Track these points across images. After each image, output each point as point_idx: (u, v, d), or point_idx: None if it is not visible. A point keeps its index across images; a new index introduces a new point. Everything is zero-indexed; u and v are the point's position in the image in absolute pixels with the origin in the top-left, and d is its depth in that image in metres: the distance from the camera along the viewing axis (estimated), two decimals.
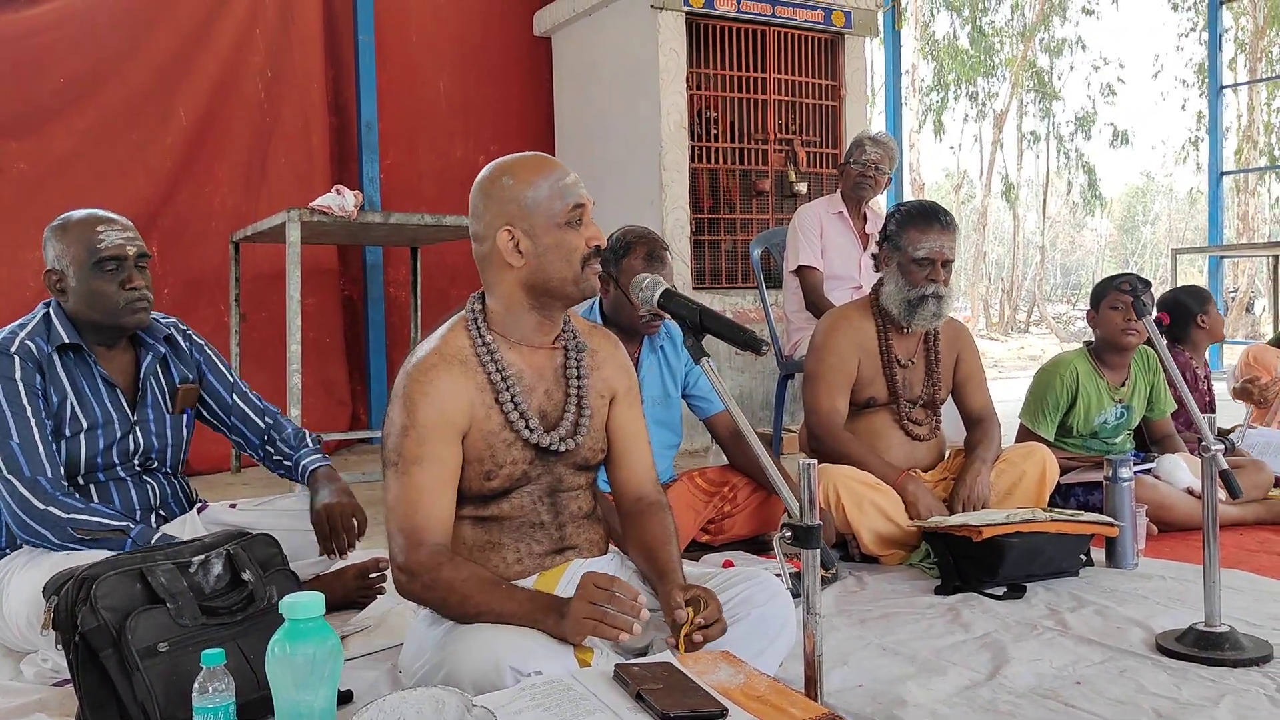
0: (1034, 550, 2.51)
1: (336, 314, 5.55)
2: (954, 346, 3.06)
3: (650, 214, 5.05)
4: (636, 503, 1.91)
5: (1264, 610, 2.29)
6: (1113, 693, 1.84)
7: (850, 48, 5.65)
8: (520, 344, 1.79)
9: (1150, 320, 2.27)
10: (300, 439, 2.53)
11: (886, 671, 1.97)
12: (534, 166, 1.77)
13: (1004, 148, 21.79)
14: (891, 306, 2.91)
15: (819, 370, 2.94)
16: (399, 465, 1.70)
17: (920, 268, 2.85)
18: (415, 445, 1.69)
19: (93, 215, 2.30)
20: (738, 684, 1.48)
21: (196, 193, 5.05)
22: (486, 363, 1.75)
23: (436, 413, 1.70)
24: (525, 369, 1.79)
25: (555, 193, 1.74)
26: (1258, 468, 3.30)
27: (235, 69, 5.17)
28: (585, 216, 1.76)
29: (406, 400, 1.71)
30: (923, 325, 2.91)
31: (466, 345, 1.77)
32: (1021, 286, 24.78)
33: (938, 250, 2.84)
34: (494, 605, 1.62)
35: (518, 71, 6.09)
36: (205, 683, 1.51)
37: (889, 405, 2.96)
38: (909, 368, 2.98)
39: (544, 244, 1.74)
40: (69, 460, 2.22)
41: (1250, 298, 18.57)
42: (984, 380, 3.12)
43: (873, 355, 2.95)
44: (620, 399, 1.91)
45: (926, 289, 2.85)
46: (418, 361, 1.74)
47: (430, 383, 1.71)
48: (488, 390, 1.74)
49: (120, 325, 2.27)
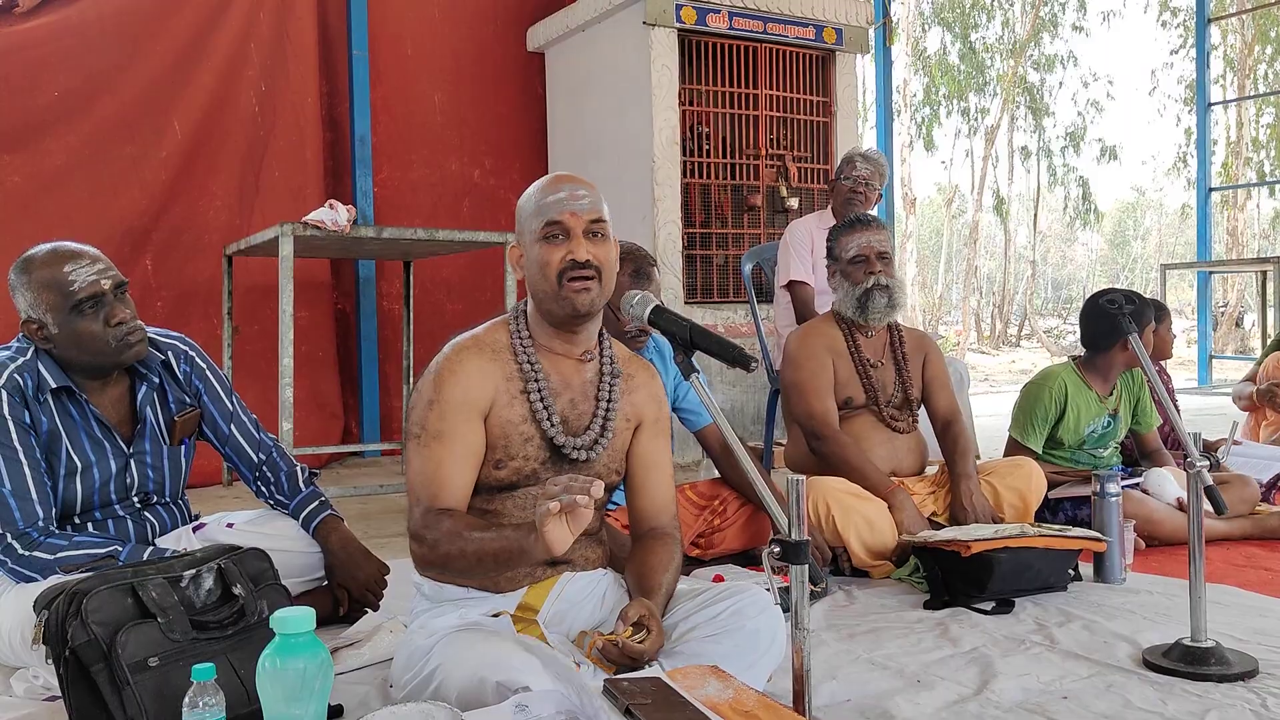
0: (1022, 565, 2.53)
1: (329, 327, 5.56)
2: (920, 349, 3.19)
3: (642, 229, 5.07)
4: (650, 531, 1.95)
5: (1250, 625, 2.31)
6: (1099, 708, 1.85)
7: (841, 64, 5.68)
8: (548, 350, 1.86)
9: (1137, 339, 2.29)
10: (294, 484, 2.49)
11: (875, 686, 1.98)
12: (539, 184, 1.85)
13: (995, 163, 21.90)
14: (846, 310, 3.08)
15: (800, 378, 3.05)
16: (421, 438, 1.78)
17: (856, 265, 3.04)
18: (438, 419, 1.76)
19: (55, 253, 2.17)
20: (726, 699, 1.49)
21: (190, 206, 5.06)
22: (520, 355, 1.83)
23: (461, 391, 1.77)
24: (553, 373, 1.85)
25: (537, 209, 1.80)
26: (1244, 483, 3.33)
27: (230, 83, 5.19)
28: (572, 233, 1.78)
29: (436, 377, 1.79)
30: (879, 319, 3.05)
31: (504, 338, 1.86)
32: (1013, 300, 24.85)
33: (867, 245, 3.05)
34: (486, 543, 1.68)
35: (511, 86, 6.12)
36: (195, 697, 1.52)
37: (868, 406, 3.05)
38: (879, 368, 3.10)
39: (530, 258, 1.83)
40: (64, 501, 2.20)
41: (1240, 312, 18.67)
42: (949, 382, 3.23)
43: (844, 357, 3.07)
44: (647, 428, 1.95)
45: (868, 281, 3.01)
46: (455, 344, 1.84)
47: (461, 363, 1.80)
48: (516, 380, 1.81)
49: (118, 363, 2.23)
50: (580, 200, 1.79)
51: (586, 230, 1.79)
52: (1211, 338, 9.88)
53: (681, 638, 1.78)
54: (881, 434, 3.04)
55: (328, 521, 2.45)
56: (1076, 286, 33.00)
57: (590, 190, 1.82)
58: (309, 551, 2.43)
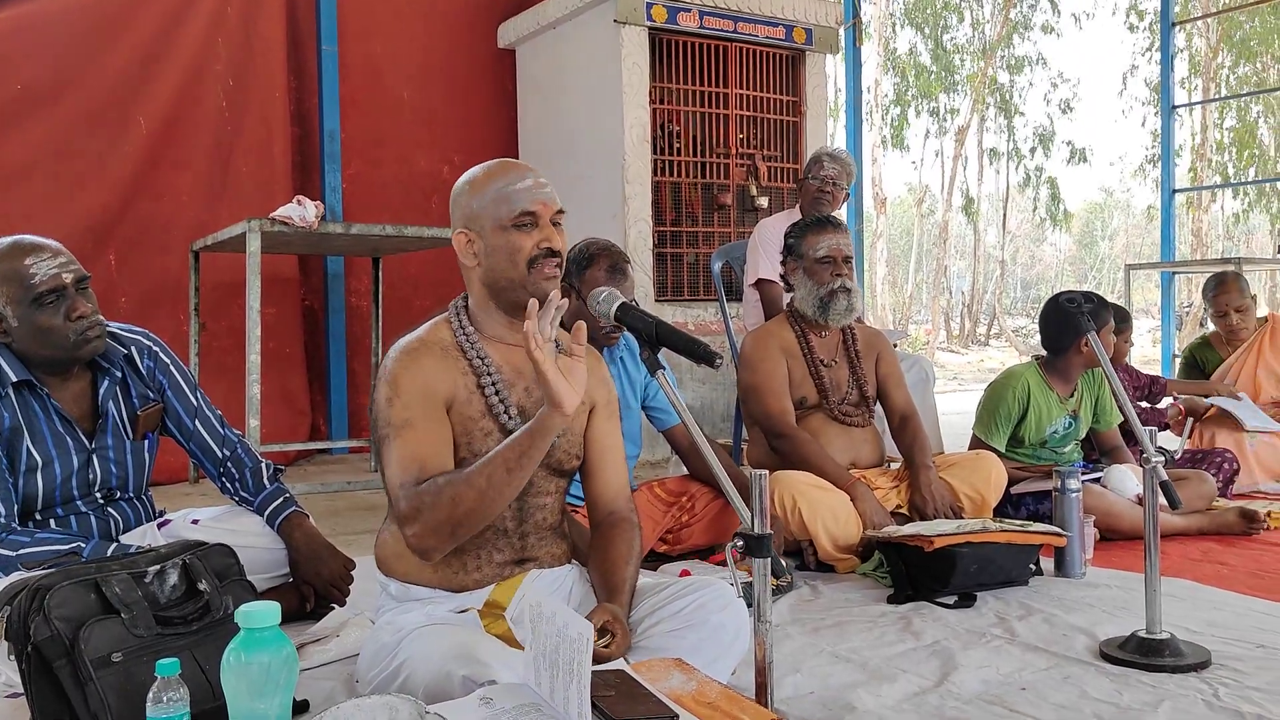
0: (984, 560, 2.56)
1: (297, 324, 5.53)
2: (873, 347, 3.25)
3: (613, 226, 5.08)
4: (608, 516, 1.94)
5: (1204, 618, 2.36)
6: (1056, 698, 1.88)
7: (811, 64, 5.72)
8: (496, 340, 1.85)
9: (1095, 336, 2.33)
10: (258, 480, 2.48)
11: (837, 679, 2.00)
12: (491, 171, 1.83)
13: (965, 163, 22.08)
14: (806, 309, 3.11)
15: (756, 380, 3.10)
16: (390, 434, 1.74)
17: (824, 265, 3.07)
18: (403, 410, 1.74)
19: (16, 246, 2.16)
20: (689, 691, 1.51)
21: (156, 202, 5.02)
22: (469, 351, 1.81)
23: (421, 384, 1.75)
24: (504, 365, 1.84)
25: (503, 197, 1.79)
26: (1201, 479, 3.38)
27: (196, 78, 5.16)
28: (541, 221, 1.79)
29: (391, 377, 1.77)
30: (839, 320, 3.09)
31: (449, 336, 1.84)
32: (982, 300, 25.09)
33: (835, 247, 3.07)
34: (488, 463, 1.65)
35: (482, 83, 6.12)
36: (160, 692, 1.51)
37: (821, 405, 3.10)
38: (833, 367, 3.15)
39: (492, 245, 1.80)
40: (25, 497, 2.18)
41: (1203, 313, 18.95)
42: (903, 379, 3.29)
43: (798, 358, 3.12)
44: (599, 410, 1.95)
45: (834, 284, 3.05)
46: (402, 346, 1.81)
47: (413, 360, 1.78)
48: (470, 375, 1.80)
49: (76, 357, 2.21)
50: (546, 189, 1.81)
51: (553, 219, 1.80)
52: (1176, 337, 10.02)
53: (646, 632, 1.79)
54: (836, 429, 3.10)
55: (292, 518, 2.45)
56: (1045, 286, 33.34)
57: (547, 180, 1.84)
58: (274, 548, 2.43)
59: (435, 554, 1.73)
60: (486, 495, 1.65)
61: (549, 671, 1.43)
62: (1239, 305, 4.20)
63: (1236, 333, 4.24)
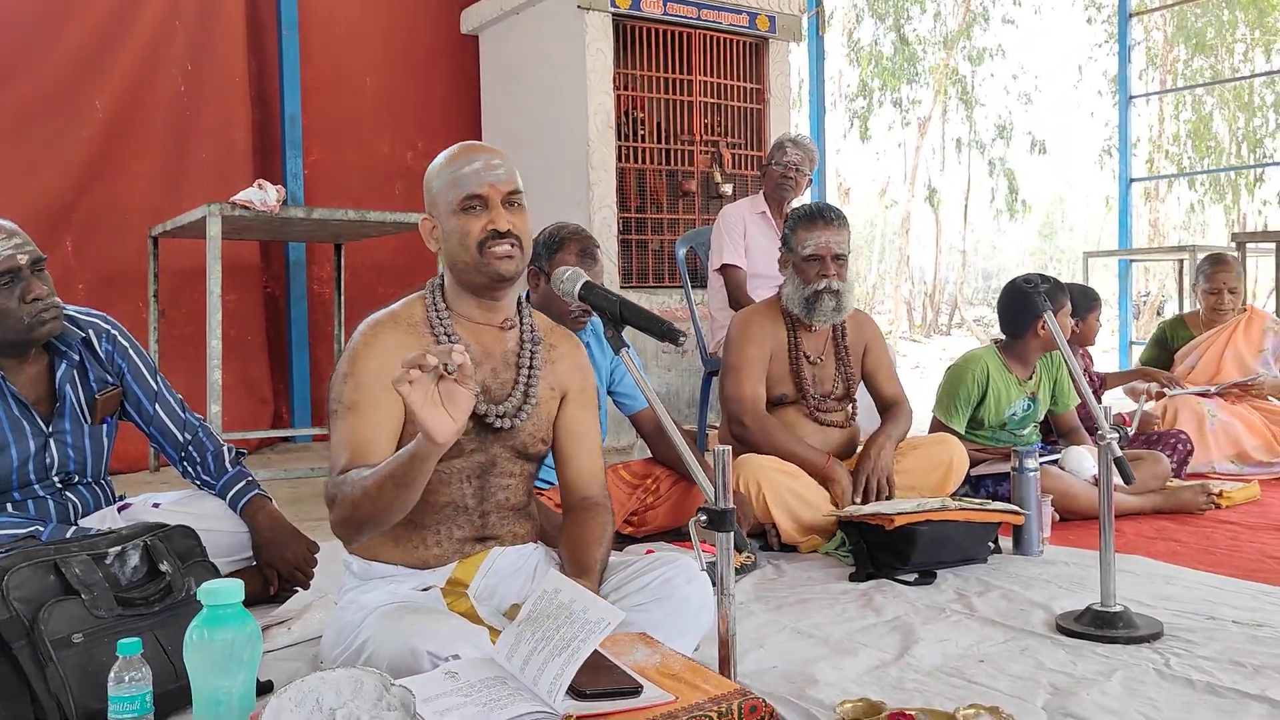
0: (944, 538, 2.60)
1: (258, 311, 5.48)
2: (861, 337, 3.18)
3: (577, 213, 5.07)
4: (581, 501, 1.95)
5: (1156, 592, 2.41)
6: (1013, 670, 1.92)
7: (774, 52, 5.74)
8: (467, 320, 1.86)
9: (1051, 316, 2.36)
10: (220, 464, 2.46)
11: (800, 653, 2.03)
12: (450, 155, 1.85)
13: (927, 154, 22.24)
14: (792, 307, 3.03)
15: (738, 360, 3.04)
16: (338, 411, 1.77)
17: (810, 264, 2.97)
18: (353, 391, 1.76)
19: None
20: (654, 664, 1.52)
21: (113, 187, 4.95)
22: (437, 327, 1.83)
23: (377, 364, 1.76)
24: (473, 344, 1.85)
25: (453, 180, 1.81)
26: (1155, 460, 3.45)
27: (154, 61, 5.08)
28: (491, 203, 1.80)
29: (352, 353, 1.80)
30: (823, 321, 3.02)
31: (420, 313, 1.86)
32: (944, 290, 25.30)
33: (824, 246, 2.96)
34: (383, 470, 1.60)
35: (445, 68, 6.08)
36: (121, 672, 1.51)
37: (798, 402, 3.06)
38: (819, 364, 3.09)
39: (447, 229, 1.84)
40: None
41: (1161, 302, 19.24)
42: (893, 368, 3.25)
43: (782, 353, 3.06)
44: (573, 398, 1.96)
45: (819, 284, 2.95)
46: (371, 320, 1.84)
47: (376, 337, 1.80)
48: None
49: (31, 340, 2.19)
50: (496, 170, 1.81)
51: (505, 200, 1.81)
52: (1133, 325, 10.18)
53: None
54: (812, 426, 3.06)
55: (255, 501, 2.44)
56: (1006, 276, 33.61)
57: (504, 160, 1.83)
58: (236, 531, 2.42)
59: (348, 542, 1.81)
60: (379, 506, 1.64)
61: (530, 645, 1.44)
62: (1233, 286, 4.27)
63: (1223, 313, 4.31)
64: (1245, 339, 4.29)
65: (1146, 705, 1.74)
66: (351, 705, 1.26)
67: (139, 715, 1.51)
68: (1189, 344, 4.37)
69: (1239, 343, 4.28)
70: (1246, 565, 2.67)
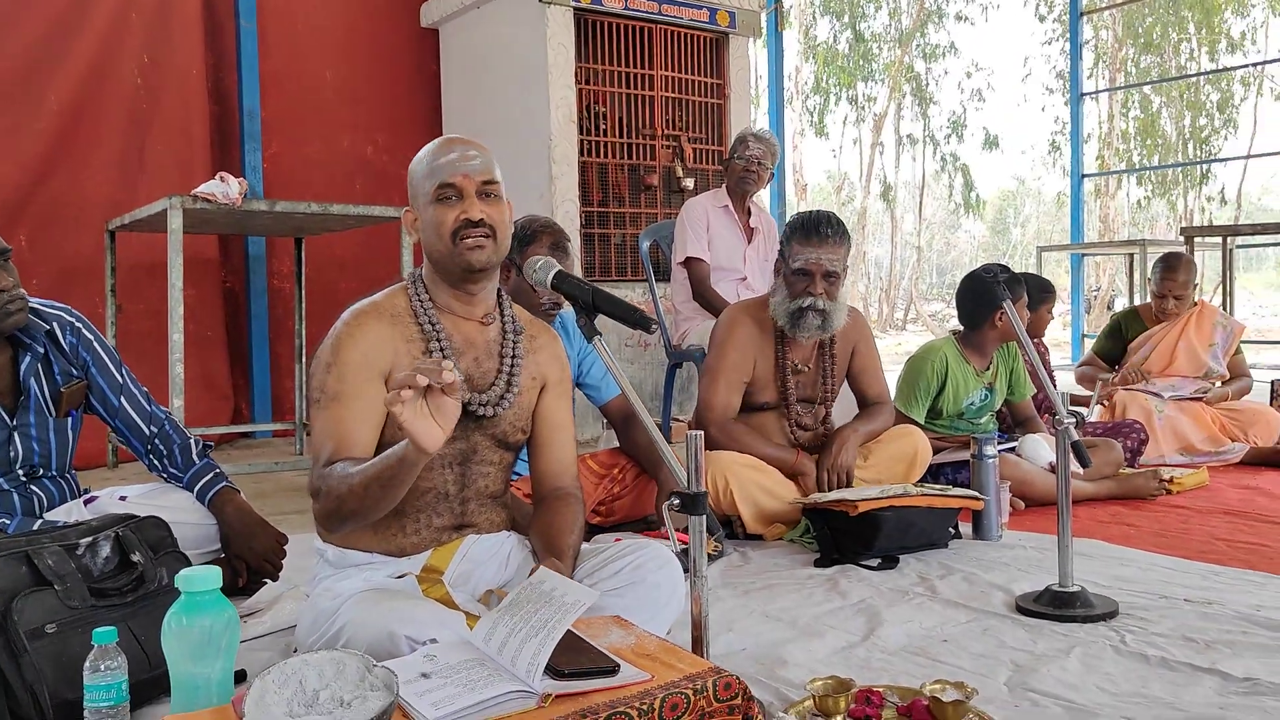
0: (906, 523, 2.66)
1: (218, 306, 5.43)
2: (850, 339, 3.12)
3: (540, 207, 5.09)
4: (553, 491, 1.98)
5: (1111, 573, 2.48)
6: (976, 648, 1.98)
7: (735, 47, 5.79)
8: (448, 312, 1.88)
9: (1010, 306, 2.42)
10: (187, 456, 2.45)
11: (769, 636, 2.07)
12: (430, 148, 1.87)
13: (882, 150, 22.46)
14: (778, 318, 2.95)
15: (719, 366, 3.00)
16: (321, 401, 1.78)
17: (799, 279, 2.88)
18: (336, 382, 1.77)
19: None
20: (629, 644, 1.55)
21: (70, 180, 4.88)
22: (420, 316, 1.84)
23: (360, 354, 1.77)
24: (455, 335, 1.86)
25: (428, 171, 1.83)
26: (1109, 447, 3.54)
27: (110, 54, 5.01)
28: (465, 193, 1.81)
29: (334, 342, 1.79)
30: (807, 338, 2.95)
31: (404, 302, 1.87)
32: (899, 285, 25.58)
33: (815, 262, 2.86)
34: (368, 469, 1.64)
35: (405, 62, 6.05)
36: (97, 661, 1.51)
37: (778, 408, 3.05)
38: (803, 373, 3.05)
39: (424, 220, 1.85)
40: None
41: (1111, 296, 19.60)
42: (880, 370, 3.21)
43: (768, 360, 3.01)
44: (551, 388, 1.98)
45: (804, 301, 2.87)
46: (354, 309, 1.84)
47: (360, 326, 1.80)
48: (417, 341, 1.82)
49: None
50: (471, 161, 1.82)
51: (479, 191, 1.82)
52: (1085, 319, 10.38)
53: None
54: (784, 432, 3.04)
55: (223, 493, 2.43)
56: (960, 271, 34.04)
57: (482, 152, 1.85)
58: (205, 523, 2.41)
59: (331, 533, 1.81)
60: (365, 504, 1.68)
61: (508, 628, 1.47)
62: (1179, 294, 4.36)
63: (1168, 314, 4.41)
64: (1197, 332, 4.40)
65: (1104, 680, 1.80)
66: (335, 686, 1.28)
67: (115, 704, 1.52)
68: (1142, 335, 4.47)
69: (1191, 336, 4.39)
70: (1197, 547, 2.76)
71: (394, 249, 4.58)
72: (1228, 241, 6.42)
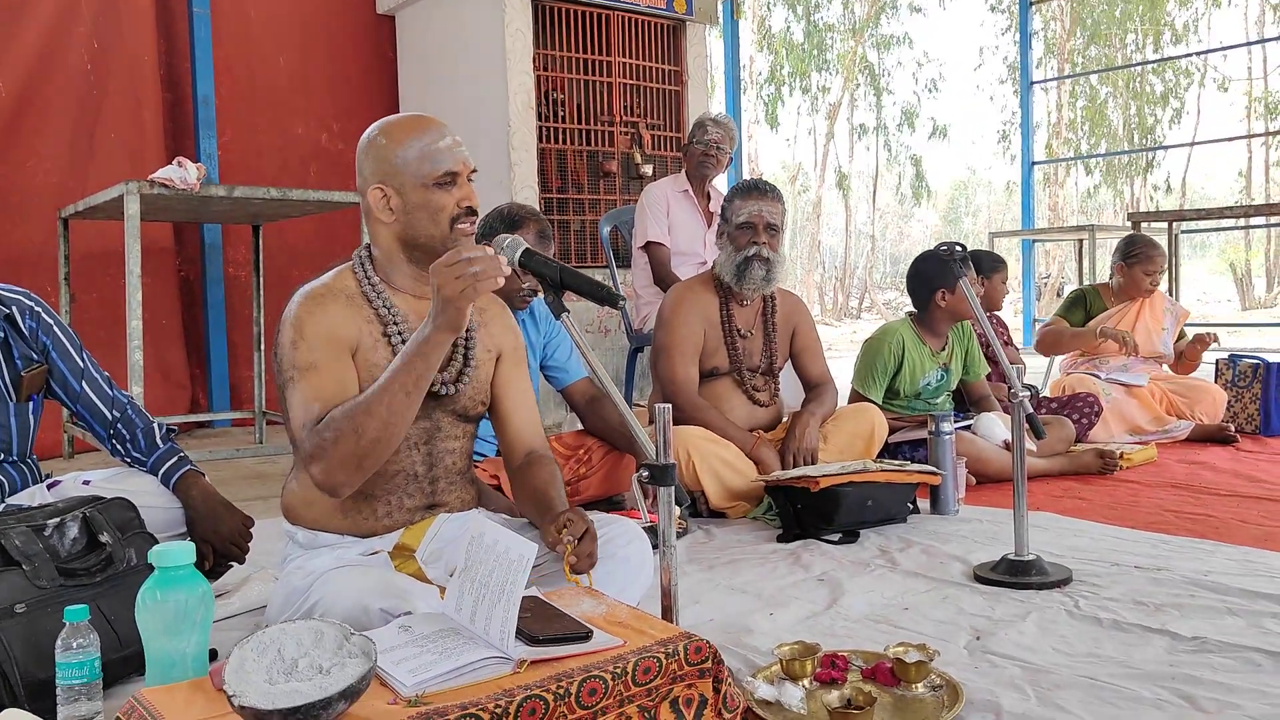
0: (866, 498, 2.71)
1: (173, 295, 5.37)
2: (790, 319, 3.25)
3: (499, 194, 5.09)
4: (527, 456, 1.99)
5: (1065, 544, 2.56)
6: (936, 615, 2.03)
7: (692, 34, 5.82)
8: (402, 291, 1.87)
9: (966, 283, 2.48)
10: (151, 440, 2.42)
11: (735, 607, 2.11)
12: (409, 127, 1.83)
13: (836, 140, 22.63)
14: (725, 275, 3.08)
15: (670, 341, 3.08)
16: (294, 377, 1.74)
17: (743, 232, 3.04)
18: (307, 353, 1.74)
19: None
20: (600, 613, 1.58)
21: (17, 168, 4.80)
22: (374, 299, 1.82)
23: (325, 329, 1.76)
24: (410, 314, 1.85)
25: (425, 155, 1.80)
26: (1061, 425, 3.63)
27: (58, 40, 4.93)
28: (461, 180, 1.82)
29: (295, 320, 1.76)
30: (754, 289, 3.06)
31: (353, 285, 1.85)
32: (854, 274, 25.82)
33: (757, 214, 3.04)
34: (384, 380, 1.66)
35: (360, 49, 6.01)
36: (69, 639, 1.51)
37: (731, 374, 3.13)
38: (749, 338, 3.16)
39: (412, 202, 1.81)
40: None
41: (1061, 283, 19.96)
42: (820, 350, 3.33)
43: (715, 326, 3.11)
44: (507, 357, 1.99)
45: (750, 250, 3.02)
46: (306, 291, 1.80)
47: (319, 305, 1.78)
48: (375, 323, 1.81)
49: None
50: (462, 149, 1.84)
51: (469, 177, 1.84)
52: (1035, 304, 10.57)
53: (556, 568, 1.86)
54: (741, 398, 3.14)
55: (188, 476, 2.41)
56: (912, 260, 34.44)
57: None
58: (169, 507, 2.39)
59: (345, 489, 1.71)
60: (389, 423, 1.66)
61: (473, 595, 1.49)
62: (1156, 281, 4.46)
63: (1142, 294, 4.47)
64: (1151, 316, 4.50)
65: (1059, 642, 1.86)
66: (313, 654, 1.29)
67: (88, 681, 1.52)
68: (1104, 313, 4.54)
69: (1147, 317, 4.50)
70: (1146, 518, 2.84)
71: (347, 237, 4.56)
72: (1173, 227, 6.56)
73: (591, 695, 1.34)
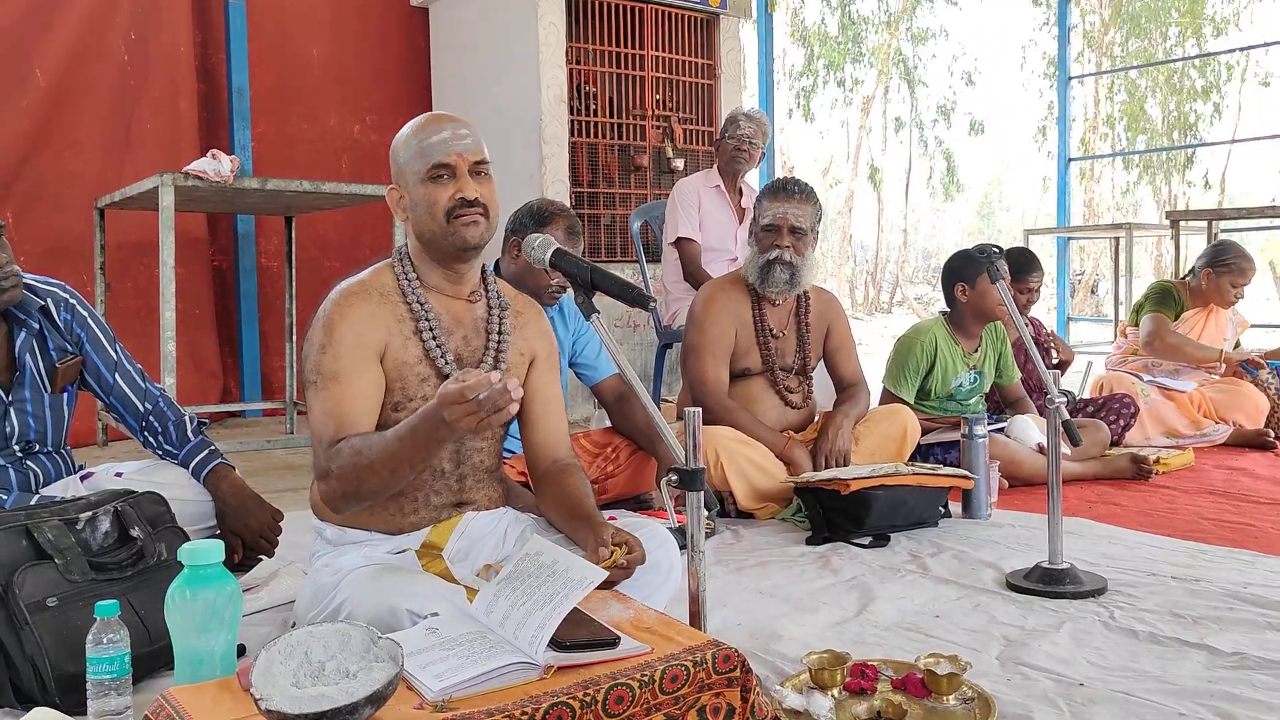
0: (897, 502, 2.68)
1: (207, 285, 5.41)
2: (824, 318, 3.21)
3: (530, 188, 5.08)
4: (552, 464, 1.98)
5: (1100, 551, 2.52)
6: (968, 624, 2.00)
7: (725, 28, 5.78)
8: (435, 290, 1.87)
9: (1004, 285, 2.44)
10: (182, 433, 2.45)
11: (763, 611, 2.09)
12: (416, 125, 1.86)
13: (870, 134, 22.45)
14: (749, 276, 3.05)
15: (701, 341, 3.05)
16: (318, 382, 1.77)
17: (767, 234, 3.01)
18: (332, 361, 1.76)
19: None
20: (627, 618, 1.57)
21: (56, 157, 4.84)
22: (409, 295, 1.83)
23: (354, 333, 1.77)
24: (443, 313, 1.86)
25: (420, 151, 1.82)
26: (1096, 427, 3.57)
27: (97, 31, 4.97)
28: (458, 172, 1.81)
29: (326, 322, 1.79)
30: (775, 292, 3.03)
31: (391, 281, 1.86)
32: (885, 268, 25.63)
33: (781, 216, 2.99)
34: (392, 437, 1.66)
35: (395, 41, 6.02)
36: (100, 633, 1.52)
37: (763, 374, 3.10)
38: (781, 338, 3.12)
39: (414, 199, 1.84)
40: None
41: (1095, 280, 19.72)
42: (854, 350, 3.29)
43: (747, 326, 3.08)
44: (539, 363, 1.99)
45: (771, 254, 2.98)
46: (341, 289, 1.82)
47: (350, 307, 1.79)
48: (407, 321, 1.82)
49: None
50: (464, 140, 1.82)
51: (471, 170, 1.82)
52: (1070, 302, 10.44)
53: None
54: (773, 399, 3.11)
55: (218, 469, 2.43)
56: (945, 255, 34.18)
57: (471, 129, 1.84)
58: (200, 500, 2.41)
59: (342, 512, 1.80)
60: (389, 484, 1.72)
61: (509, 600, 1.48)
62: (1241, 294, 4.34)
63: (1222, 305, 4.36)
64: (1217, 323, 4.41)
65: (1094, 654, 1.83)
66: (340, 657, 1.29)
67: (118, 676, 1.53)
68: (1186, 314, 4.40)
69: (1213, 325, 4.40)
70: (1183, 526, 2.80)
71: (379, 227, 4.56)
72: (1213, 226, 6.44)
73: (619, 703, 1.33)
